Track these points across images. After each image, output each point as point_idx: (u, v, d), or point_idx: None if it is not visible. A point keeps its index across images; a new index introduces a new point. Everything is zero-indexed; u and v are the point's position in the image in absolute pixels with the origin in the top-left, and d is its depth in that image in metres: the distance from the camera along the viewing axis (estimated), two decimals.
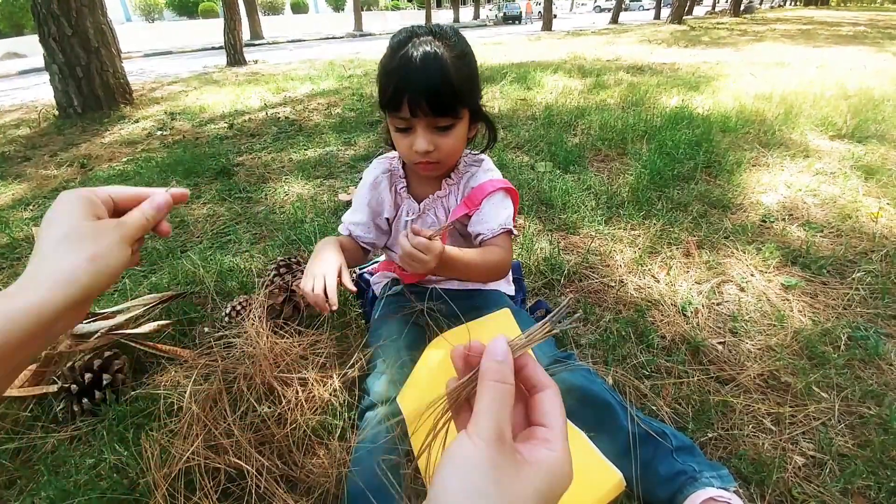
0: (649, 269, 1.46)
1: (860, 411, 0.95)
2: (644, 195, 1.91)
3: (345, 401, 0.96)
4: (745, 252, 1.52)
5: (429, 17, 22.70)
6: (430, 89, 0.76)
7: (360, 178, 1.04)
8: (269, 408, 0.90)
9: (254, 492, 0.79)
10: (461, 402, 0.31)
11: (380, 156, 1.05)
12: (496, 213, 0.90)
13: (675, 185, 2.03)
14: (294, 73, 6.43)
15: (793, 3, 50.61)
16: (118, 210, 0.40)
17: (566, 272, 1.44)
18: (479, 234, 0.90)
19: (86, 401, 0.98)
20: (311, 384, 0.97)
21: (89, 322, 1.16)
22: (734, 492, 0.70)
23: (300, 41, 16.59)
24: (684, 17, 16.92)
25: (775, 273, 1.42)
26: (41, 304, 0.31)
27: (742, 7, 21.30)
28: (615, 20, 18.56)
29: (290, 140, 3.08)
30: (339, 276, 0.80)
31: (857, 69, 4.88)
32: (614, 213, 1.83)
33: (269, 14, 29.10)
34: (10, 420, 0.98)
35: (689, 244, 1.57)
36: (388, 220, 1.01)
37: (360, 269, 1.36)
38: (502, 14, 27.51)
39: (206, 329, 1.22)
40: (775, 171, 2.17)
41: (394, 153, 0.99)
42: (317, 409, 0.94)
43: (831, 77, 4.38)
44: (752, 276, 1.41)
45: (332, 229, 1.76)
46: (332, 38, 18.27)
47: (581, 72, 5.18)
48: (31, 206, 2.22)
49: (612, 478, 0.69)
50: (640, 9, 40.80)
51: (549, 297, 1.35)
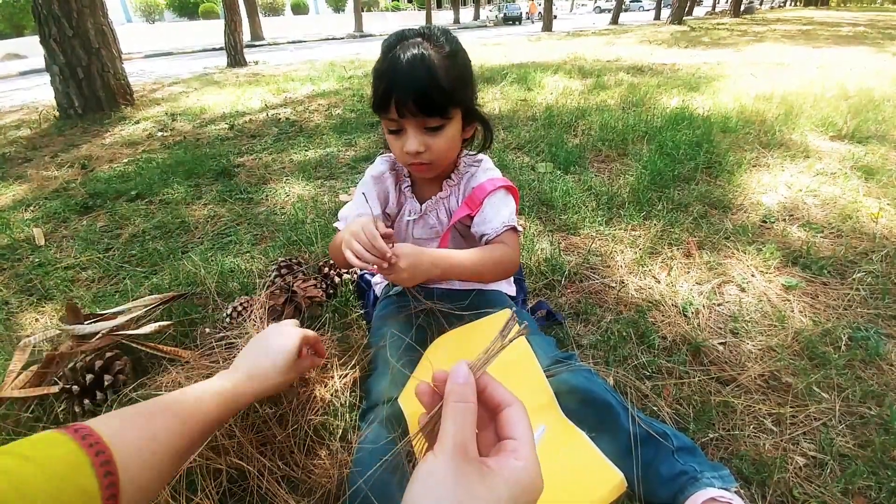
0: (650, 270, 1.46)
1: (861, 412, 0.95)
2: (644, 196, 1.91)
3: (346, 401, 0.97)
4: (745, 253, 1.52)
5: (429, 17, 22.71)
6: (417, 90, 0.76)
7: (361, 178, 1.04)
8: (271, 408, 0.90)
9: (255, 492, 0.79)
10: (435, 434, 0.31)
11: (383, 154, 1.04)
12: (498, 212, 0.90)
13: (675, 186, 2.03)
14: (294, 74, 6.43)
15: (793, 4, 50.63)
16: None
17: (567, 273, 1.44)
18: (484, 234, 0.90)
19: (87, 402, 0.98)
20: (313, 385, 0.97)
21: (91, 323, 1.16)
22: (735, 492, 0.70)
23: (301, 42, 16.60)
24: (684, 18, 16.93)
25: (776, 273, 1.42)
26: (238, 393, 0.62)
27: (742, 8, 21.31)
28: (615, 21, 18.58)
29: (291, 141, 3.08)
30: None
31: (858, 69, 4.88)
32: (615, 213, 1.83)
33: (269, 15, 29.12)
34: (12, 421, 0.98)
35: (689, 245, 1.57)
36: (389, 215, 1.00)
37: (361, 270, 1.37)
38: (502, 15, 27.53)
39: (207, 330, 1.22)
40: (776, 172, 2.17)
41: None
42: (318, 409, 0.95)
43: (831, 77, 4.39)
44: (752, 276, 1.41)
45: (333, 230, 1.76)
46: (333, 39, 18.28)
47: (581, 72, 5.18)
48: (31, 207, 2.22)
49: (613, 478, 0.69)
50: (641, 9, 40.81)
51: (550, 298, 1.35)
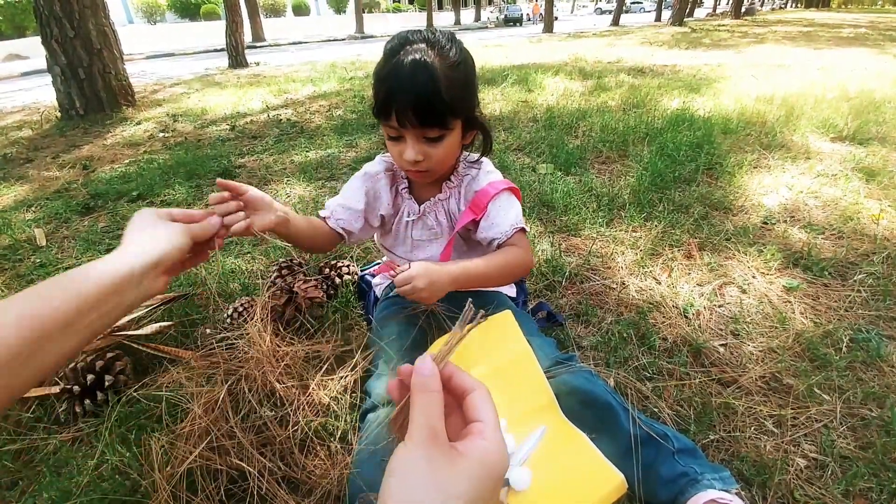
0: (651, 271, 1.46)
1: (862, 413, 0.95)
2: (645, 197, 1.91)
3: (346, 402, 0.97)
4: (746, 254, 1.52)
5: (430, 19, 22.74)
6: (418, 101, 0.75)
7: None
8: (271, 409, 0.90)
9: (255, 493, 0.79)
10: (406, 426, 0.33)
11: (384, 153, 1.04)
12: (505, 215, 0.90)
13: (676, 187, 2.03)
14: (295, 75, 6.44)
15: (794, 5, 50.65)
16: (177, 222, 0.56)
17: (567, 274, 1.44)
18: (494, 239, 0.90)
19: (88, 402, 0.98)
20: (313, 386, 0.97)
21: None
22: (736, 494, 0.70)
23: (302, 43, 16.62)
24: (685, 20, 16.94)
25: (777, 275, 1.42)
26: (118, 262, 0.46)
27: (743, 9, 21.33)
28: (616, 22, 18.60)
29: (292, 142, 3.08)
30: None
31: (859, 71, 4.88)
32: (615, 215, 1.83)
33: (270, 16, 29.19)
34: (13, 421, 0.98)
35: (690, 246, 1.57)
36: (383, 216, 1.00)
37: (361, 271, 1.37)
38: (503, 16, 27.56)
39: (208, 330, 1.22)
40: (777, 173, 2.17)
41: None
42: (318, 410, 0.95)
43: (832, 79, 4.39)
44: (753, 277, 1.41)
45: (316, 215, 1.76)
46: (334, 40, 18.30)
47: (582, 74, 5.19)
48: (33, 208, 2.23)
49: (613, 479, 0.68)
50: (641, 11, 40.85)
51: (551, 299, 1.35)
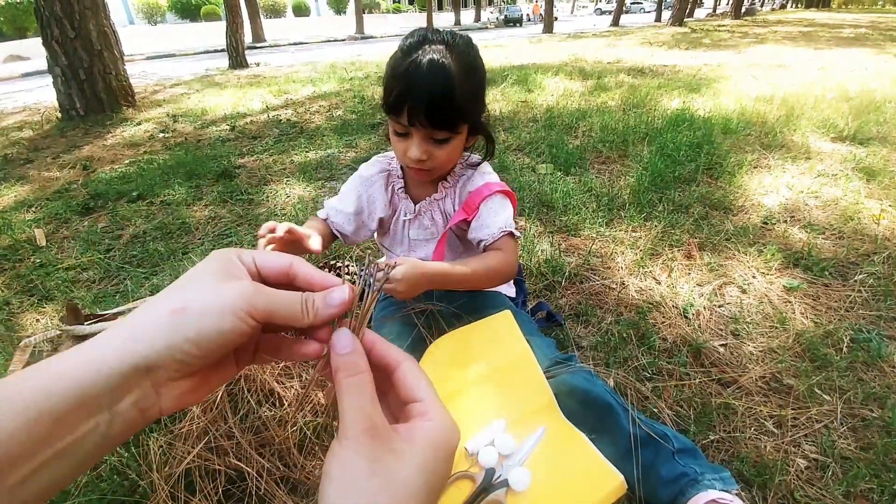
0: (650, 271, 1.46)
1: (862, 414, 0.94)
2: (645, 197, 1.91)
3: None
4: (746, 254, 1.52)
5: (430, 19, 22.75)
6: (431, 103, 0.75)
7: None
8: (270, 410, 0.90)
9: (254, 493, 0.79)
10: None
11: (380, 154, 1.04)
12: (495, 217, 0.90)
13: (676, 187, 2.03)
14: (295, 76, 6.45)
15: (794, 6, 50.67)
16: (264, 282, 0.29)
17: (567, 274, 1.43)
18: (481, 240, 0.90)
19: None
20: (312, 386, 0.97)
21: (91, 323, 1.16)
22: (736, 494, 0.70)
23: (302, 44, 16.63)
24: (685, 20, 16.94)
25: (777, 275, 1.42)
26: (94, 364, 0.22)
27: (743, 9, 21.33)
28: (616, 23, 18.60)
29: (292, 142, 3.08)
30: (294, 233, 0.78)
31: (859, 71, 4.88)
32: (615, 214, 1.83)
33: (270, 17, 29.22)
34: None
35: (690, 246, 1.57)
36: (381, 219, 1.00)
37: (360, 271, 1.36)
38: (503, 17, 27.58)
39: None
40: (777, 173, 2.16)
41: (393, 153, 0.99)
42: (317, 410, 0.94)
43: (833, 79, 4.38)
44: (753, 277, 1.41)
45: (314, 214, 1.76)
46: (334, 40, 18.32)
47: (582, 74, 5.19)
48: (33, 208, 2.23)
49: (613, 480, 0.68)
50: (641, 11, 40.86)
51: (550, 299, 1.35)
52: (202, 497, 0.77)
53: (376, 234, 1.06)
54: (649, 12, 36.64)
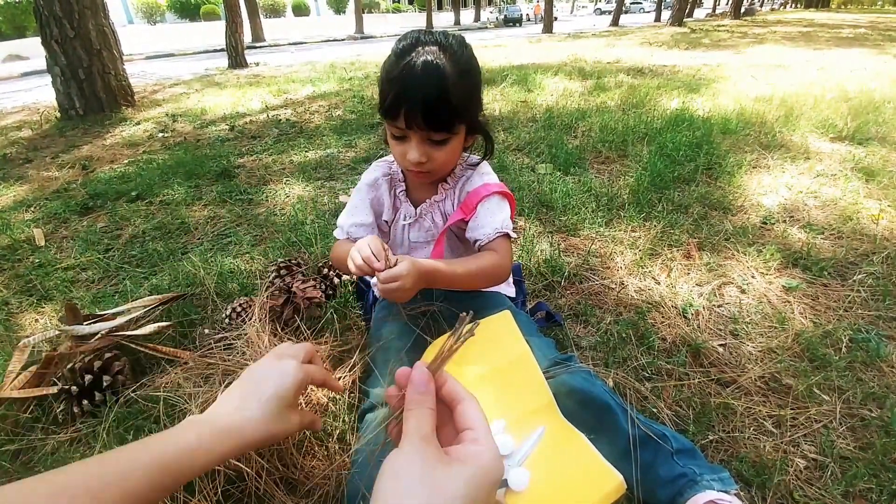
0: (650, 271, 1.46)
1: (861, 414, 0.94)
2: (644, 197, 1.91)
3: (345, 403, 0.96)
4: (745, 254, 1.52)
5: (430, 19, 22.75)
6: (428, 105, 0.75)
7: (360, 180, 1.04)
8: None
9: (253, 494, 0.79)
10: (400, 434, 0.34)
11: (379, 158, 1.05)
12: (491, 218, 0.90)
13: (675, 187, 2.03)
14: (295, 76, 6.44)
15: (793, 6, 50.70)
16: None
17: (566, 274, 1.43)
18: (477, 240, 0.90)
19: (86, 402, 0.98)
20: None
21: (90, 323, 1.16)
22: (735, 494, 0.70)
23: (301, 43, 16.62)
24: (685, 20, 16.95)
25: (776, 275, 1.42)
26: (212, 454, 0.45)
27: (742, 9, 21.34)
28: (615, 23, 18.61)
29: (291, 142, 3.08)
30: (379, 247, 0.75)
31: (858, 71, 4.88)
32: (615, 214, 1.83)
33: (270, 16, 29.18)
34: (11, 421, 0.98)
35: (689, 246, 1.57)
36: (386, 222, 1.01)
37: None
38: (503, 17, 27.58)
39: (206, 331, 1.21)
40: (776, 173, 2.16)
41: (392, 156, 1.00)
42: (316, 410, 0.94)
43: (832, 79, 4.39)
44: (752, 277, 1.41)
45: (333, 238, 1.76)
46: (334, 40, 18.31)
47: (581, 74, 5.19)
48: (32, 208, 2.22)
49: (612, 480, 0.68)
50: (641, 11, 40.88)
51: (550, 299, 1.35)
52: (201, 497, 0.77)
53: None
54: (649, 12, 36.66)
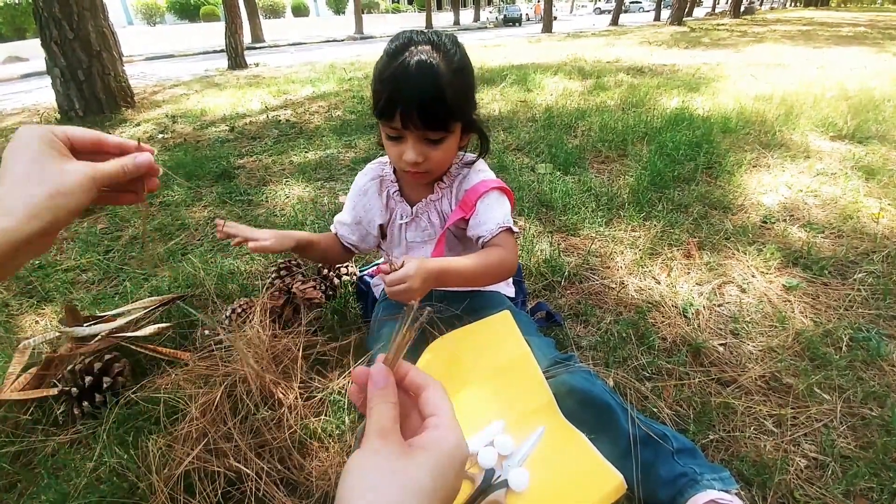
0: (650, 271, 1.46)
1: (862, 413, 0.94)
2: (644, 196, 1.91)
3: (344, 403, 0.96)
4: (746, 253, 1.52)
5: (429, 19, 22.76)
6: (422, 103, 0.75)
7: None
8: (269, 411, 0.90)
9: (253, 495, 0.79)
10: None
11: (375, 159, 1.05)
12: (492, 213, 0.90)
13: (675, 187, 2.03)
14: (295, 76, 6.44)
15: (793, 4, 50.68)
16: (74, 151, 0.39)
17: (566, 274, 1.43)
18: (480, 237, 0.90)
19: (86, 404, 0.98)
20: (311, 387, 0.97)
21: (90, 325, 1.16)
22: (736, 494, 0.70)
23: (301, 44, 16.62)
24: (684, 19, 16.94)
25: (776, 274, 1.42)
26: (10, 231, 0.33)
27: (742, 8, 21.33)
28: (615, 22, 18.60)
29: (291, 143, 3.08)
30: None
31: (858, 70, 4.88)
32: (615, 214, 1.83)
33: (269, 17, 29.19)
34: (11, 423, 0.98)
35: (689, 245, 1.57)
36: (381, 225, 1.01)
37: (360, 272, 1.36)
38: (503, 16, 27.57)
39: (206, 332, 1.21)
40: (776, 172, 2.16)
41: (387, 157, 1.00)
42: (317, 411, 0.94)
43: (832, 78, 4.38)
44: (753, 277, 1.41)
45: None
46: (333, 40, 18.31)
47: (581, 73, 5.18)
48: None
49: (612, 480, 0.68)
50: (640, 10, 40.85)
51: (550, 299, 1.35)
52: (201, 499, 0.77)
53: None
54: (648, 11, 36.63)
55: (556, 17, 25.68)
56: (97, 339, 1.12)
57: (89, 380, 0.99)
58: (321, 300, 1.26)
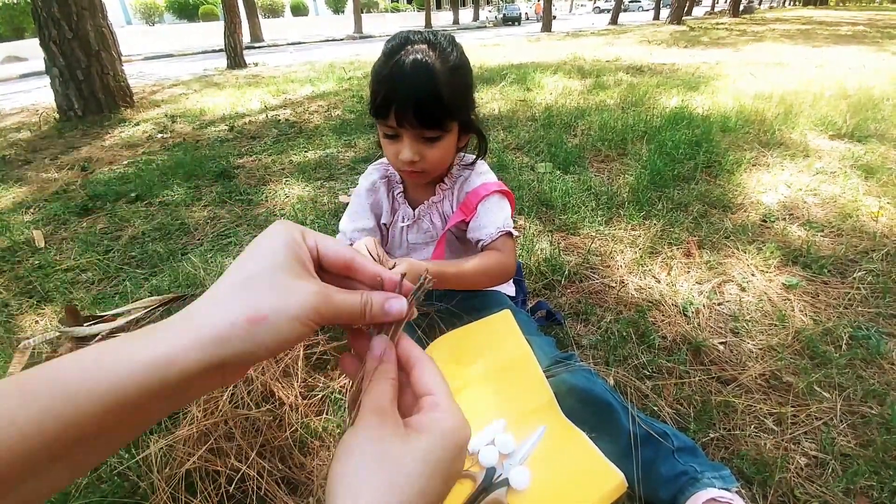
0: (650, 270, 1.46)
1: (862, 411, 0.94)
2: (644, 195, 1.91)
3: (345, 402, 0.96)
4: (745, 252, 1.52)
5: (428, 18, 22.74)
6: (418, 101, 0.75)
7: (358, 184, 1.04)
8: (271, 410, 0.90)
9: (255, 494, 0.79)
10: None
11: (375, 161, 1.05)
12: (493, 217, 0.90)
13: (675, 186, 2.03)
14: (294, 76, 6.44)
15: (792, 4, 50.69)
16: (319, 268, 0.31)
17: (567, 273, 1.43)
18: (479, 240, 0.90)
19: None
20: (312, 386, 0.97)
21: (90, 325, 1.16)
22: (736, 492, 0.70)
23: (300, 43, 16.60)
24: (683, 18, 16.93)
25: (776, 273, 1.42)
26: (170, 360, 0.23)
27: (741, 7, 21.32)
28: (614, 21, 18.59)
29: (291, 142, 3.08)
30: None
31: (857, 68, 4.88)
32: (615, 213, 1.83)
33: (268, 17, 29.16)
34: None
35: (689, 244, 1.57)
36: (385, 225, 1.01)
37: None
38: (502, 16, 27.56)
39: None
40: (775, 171, 2.16)
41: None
42: (318, 410, 0.94)
43: (831, 76, 4.39)
44: (752, 275, 1.41)
45: (333, 231, 1.76)
46: (332, 40, 18.29)
47: (580, 73, 5.18)
48: (31, 210, 2.22)
49: (613, 478, 0.68)
50: (640, 10, 40.84)
51: (550, 298, 1.35)
52: (203, 498, 0.77)
53: None
54: (647, 10, 36.61)
55: (555, 17, 25.66)
56: (97, 339, 1.12)
57: None
58: None
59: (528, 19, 30.58)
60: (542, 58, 6.98)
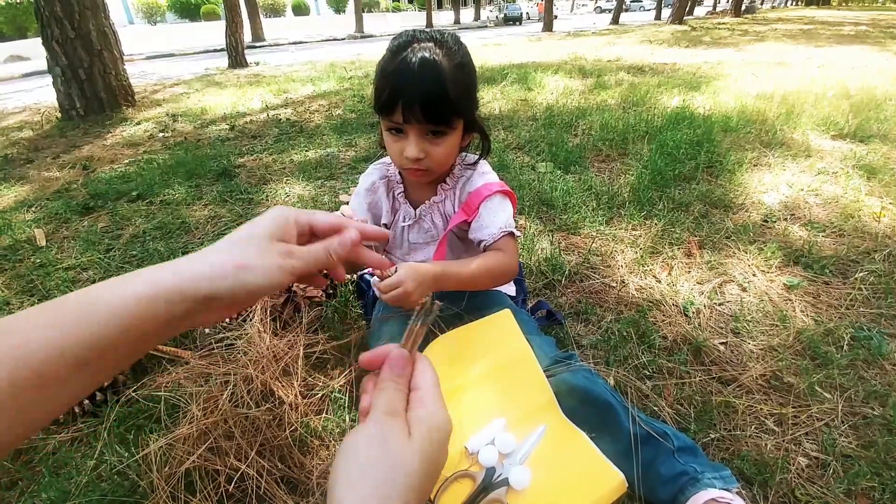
0: (651, 270, 1.45)
1: (864, 412, 0.94)
2: (645, 195, 1.91)
3: (345, 402, 0.96)
4: (746, 252, 1.52)
5: (429, 18, 22.73)
6: (425, 97, 0.75)
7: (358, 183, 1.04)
8: (270, 409, 0.90)
9: (254, 494, 0.79)
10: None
11: (376, 161, 1.05)
12: (495, 217, 0.90)
13: (676, 186, 2.02)
14: (295, 75, 6.44)
15: (794, 3, 50.57)
16: (317, 237, 0.38)
17: (567, 273, 1.43)
18: (482, 241, 0.90)
19: (87, 402, 0.98)
20: (312, 385, 0.97)
21: None
22: (736, 493, 0.70)
23: (301, 43, 16.60)
24: (685, 18, 16.91)
25: (777, 273, 1.41)
26: (176, 288, 0.29)
27: (743, 7, 21.28)
28: (616, 21, 18.57)
29: (292, 141, 3.08)
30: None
31: (859, 68, 4.87)
32: (615, 213, 1.82)
33: (270, 16, 29.17)
34: None
35: (690, 244, 1.57)
36: (385, 225, 1.01)
37: (360, 271, 1.36)
38: (503, 15, 27.53)
39: (206, 330, 1.21)
40: (777, 171, 2.16)
41: (388, 159, 1.00)
42: (318, 410, 0.94)
43: (833, 76, 4.37)
44: (754, 276, 1.40)
45: None
46: (334, 39, 18.29)
47: (582, 72, 5.18)
48: (33, 208, 2.23)
49: (613, 478, 0.68)
50: (641, 9, 40.77)
51: (550, 298, 1.35)
52: (202, 497, 0.77)
53: None
54: (649, 10, 36.54)
55: (556, 16, 25.64)
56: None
57: None
58: (321, 299, 1.26)
59: (529, 19, 30.52)
60: (543, 57, 6.97)
